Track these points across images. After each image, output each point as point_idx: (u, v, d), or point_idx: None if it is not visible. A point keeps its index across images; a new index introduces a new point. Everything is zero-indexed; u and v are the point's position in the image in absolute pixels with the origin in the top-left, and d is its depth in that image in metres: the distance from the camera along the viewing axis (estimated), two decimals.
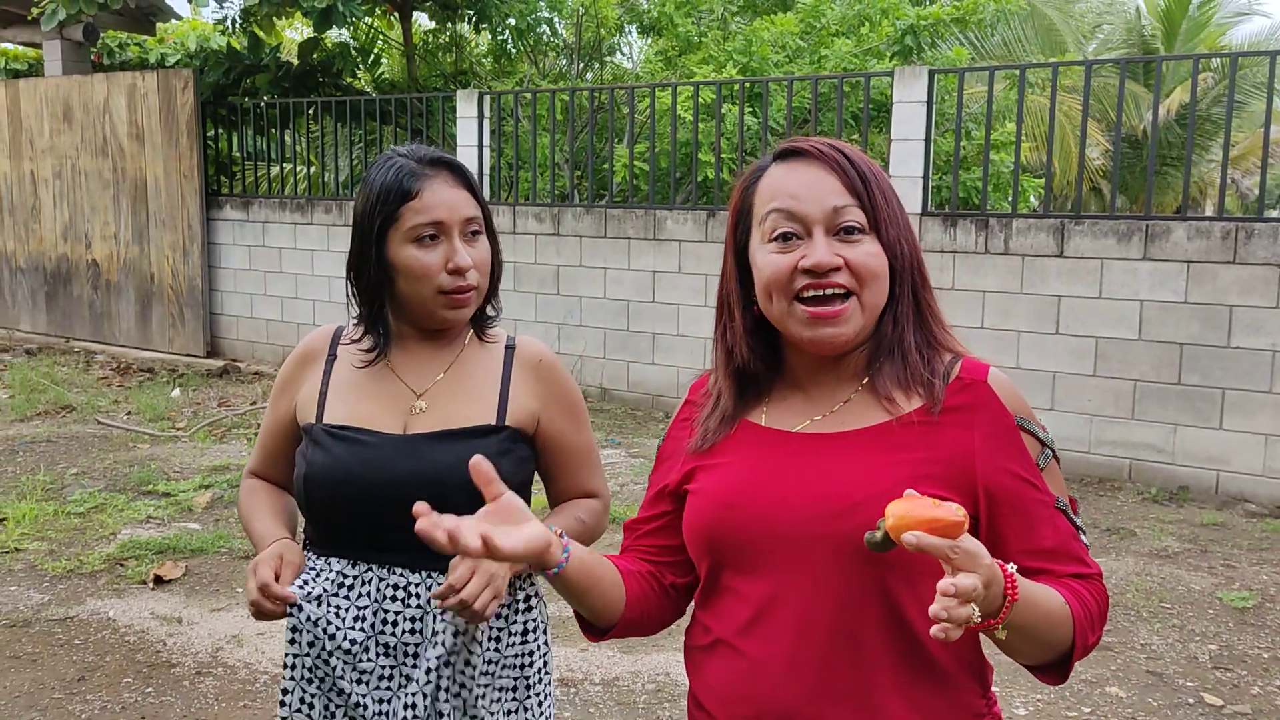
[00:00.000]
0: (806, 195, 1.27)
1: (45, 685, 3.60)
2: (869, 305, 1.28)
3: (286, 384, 1.80)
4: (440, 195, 1.63)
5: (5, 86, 11.04)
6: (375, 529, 1.65)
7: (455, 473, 1.59)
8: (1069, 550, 1.28)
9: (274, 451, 1.82)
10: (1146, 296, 6.07)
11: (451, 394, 1.70)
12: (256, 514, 1.78)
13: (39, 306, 11.11)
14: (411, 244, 1.63)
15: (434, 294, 1.64)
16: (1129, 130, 14.84)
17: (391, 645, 1.66)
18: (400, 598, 1.66)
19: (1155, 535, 5.27)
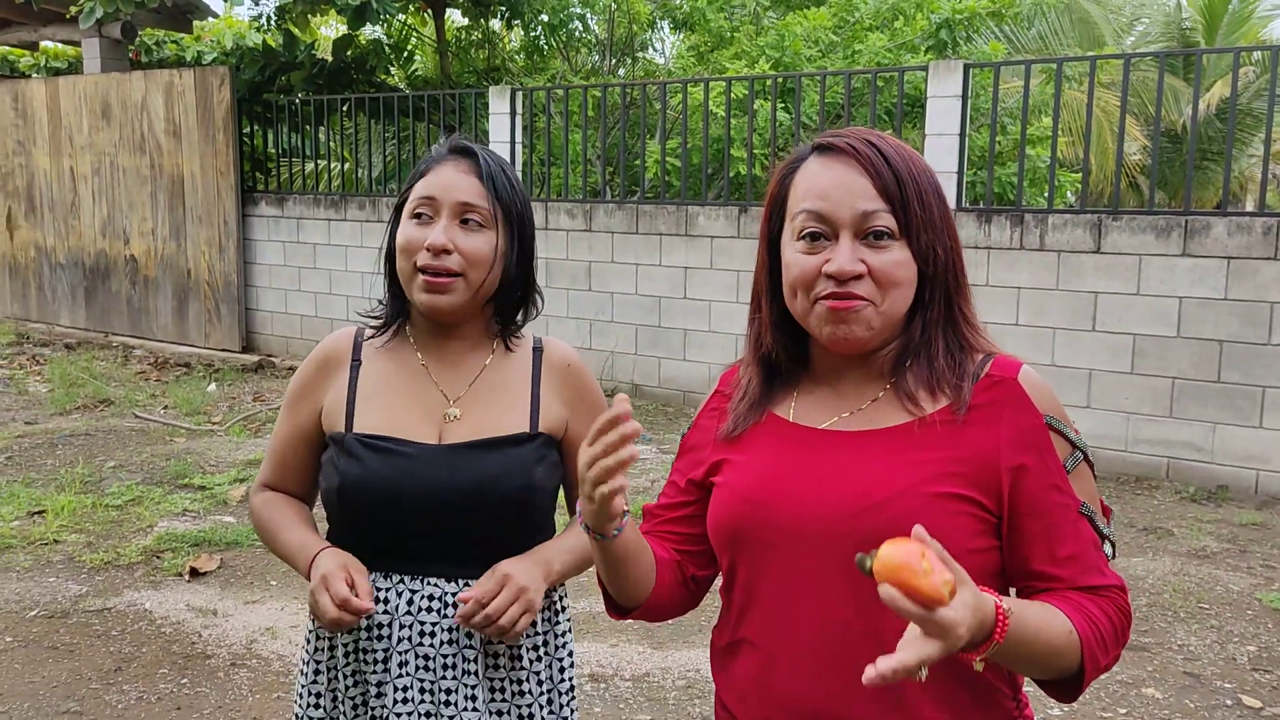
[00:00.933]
0: (836, 197, 1.25)
1: (82, 676, 3.65)
2: (888, 312, 1.26)
3: (306, 390, 1.72)
4: (443, 177, 1.61)
5: (45, 84, 11.20)
6: (412, 540, 1.62)
7: (498, 484, 1.60)
8: (1087, 559, 1.25)
9: (290, 462, 1.75)
10: (1185, 293, 5.98)
11: (484, 401, 1.67)
12: (285, 524, 1.71)
13: (78, 302, 11.27)
14: (410, 220, 1.62)
15: (412, 270, 1.60)
16: (1168, 125, 14.63)
17: (430, 656, 1.62)
18: (436, 609, 1.63)
19: (1193, 535, 5.20)
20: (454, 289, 1.59)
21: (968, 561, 1.22)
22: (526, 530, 1.67)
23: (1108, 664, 1.23)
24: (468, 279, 1.60)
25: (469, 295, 1.61)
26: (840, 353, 1.31)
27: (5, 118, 11.58)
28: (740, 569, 1.33)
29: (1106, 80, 12.00)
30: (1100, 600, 1.25)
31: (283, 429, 1.75)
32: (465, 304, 1.62)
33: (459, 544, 1.62)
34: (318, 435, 1.70)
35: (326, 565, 1.59)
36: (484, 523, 1.62)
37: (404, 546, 1.62)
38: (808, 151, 1.32)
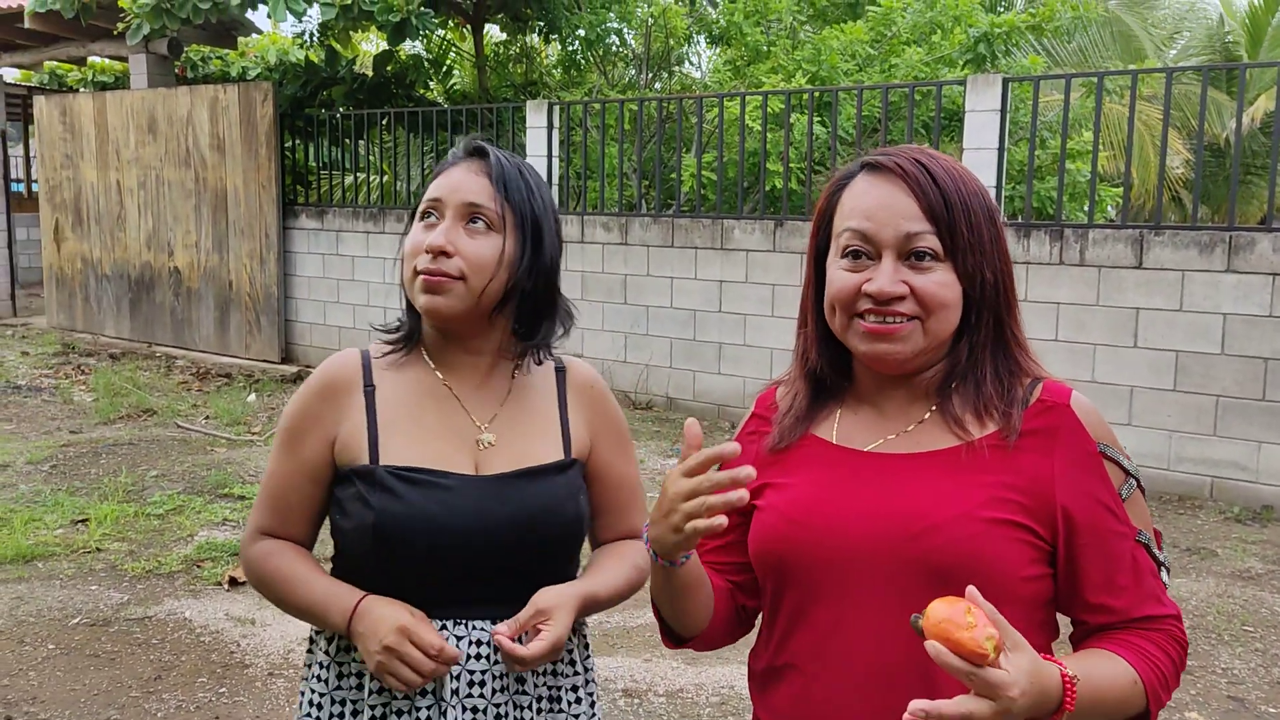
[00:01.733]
0: (882, 217, 1.24)
1: (123, 684, 3.69)
2: (932, 332, 1.24)
3: (309, 422, 1.54)
4: (452, 177, 1.51)
5: (93, 99, 11.41)
6: (456, 581, 1.50)
7: (548, 515, 1.52)
8: (1146, 588, 1.24)
9: (294, 504, 1.56)
10: (1230, 310, 5.89)
11: (517, 426, 1.56)
12: (303, 574, 1.53)
13: (123, 312, 11.45)
14: (418, 222, 1.52)
15: (412, 274, 1.50)
16: (1211, 139, 14.45)
17: (480, 709, 1.49)
18: (485, 654, 1.50)
19: (1238, 556, 5.11)
20: (452, 290, 1.47)
21: (1022, 589, 1.21)
22: (571, 562, 1.60)
23: (1167, 700, 1.23)
24: (469, 284, 1.47)
25: (471, 301, 1.48)
26: (880, 371, 1.30)
27: (54, 132, 11.82)
28: (786, 593, 1.32)
29: (1148, 94, 11.88)
30: (1157, 636, 1.24)
31: (281, 468, 1.56)
32: (468, 310, 1.49)
33: (506, 582, 1.51)
34: (326, 472, 1.54)
35: (392, 615, 1.44)
36: (534, 557, 1.53)
37: (447, 589, 1.50)
38: (856, 168, 1.30)
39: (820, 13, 10.66)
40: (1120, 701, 1.17)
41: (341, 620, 1.48)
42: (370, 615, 1.45)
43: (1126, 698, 1.18)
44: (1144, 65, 13.05)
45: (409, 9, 9.10)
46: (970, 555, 1.19)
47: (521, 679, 1.53)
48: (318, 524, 1.60)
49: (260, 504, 1.59)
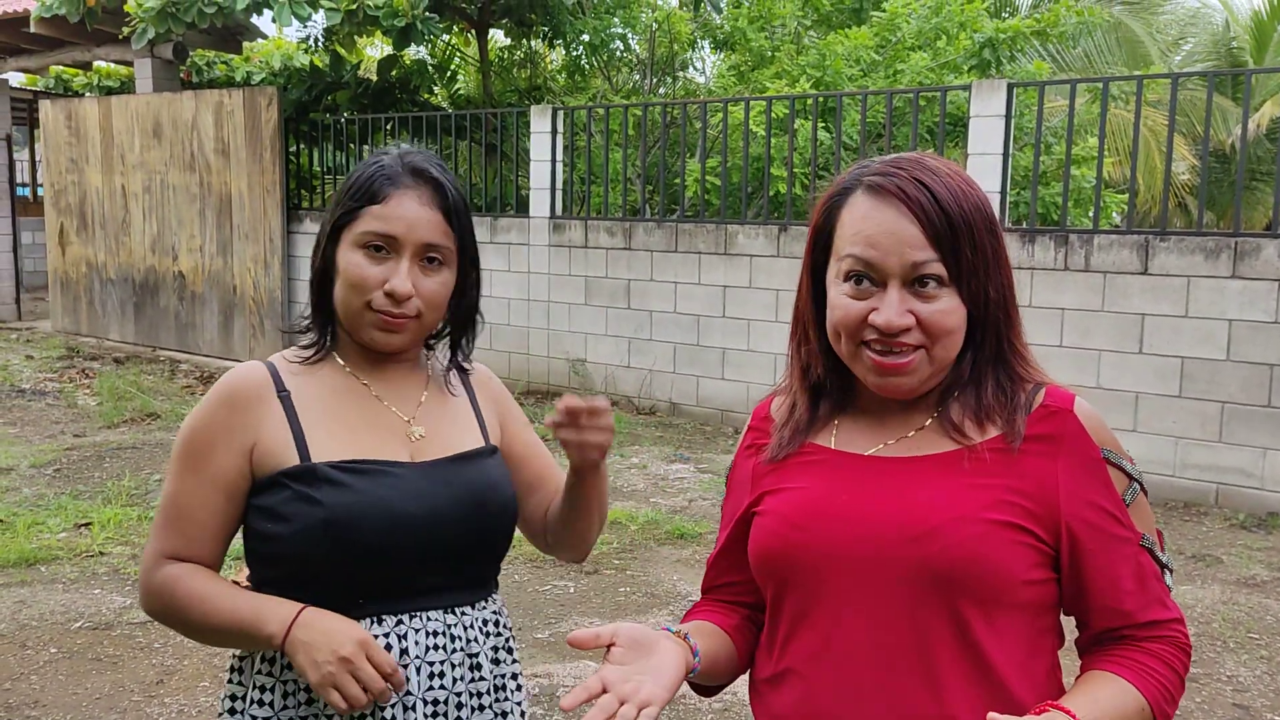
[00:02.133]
0: (886, 245, 1.21)
1: (125, 688, 3.69)
2: (938, 359, 1.24)
3: (217, 435, 1.49)
4: (406, 209, 1.47)
5: (98, 103, 11.44)
6: (409, 572, 1.48)
7: (492, 493, 1.55)
8: (1151, 593, 1.25)
9: (205, 523, 1.49)
10: (1235, 316, 5.88)
11: (439, 419, 1.58)
12: (221, 592, 1.47)
13: (127, 316, 11.47)
14: (359, 249, 1.47)
15: (363, 308, 1.47)
16: (1216, 145, 14.43)
17: (443, 699, 1.50)
18: (443, 645, 1.51)
19: (1243, 563, 5.09)
20: (408, 329, 1.50)
21: (1024, 593, 1.21)
22: (508, 544, 1.62)
23: (1173, 712, 1.24)
24: (423, 320, 1.51)
25: (421, 334, 1.54)
26: (889, 397, 1.30)
27: (59, 136, 11.85)
28: (787, 598, 1.31)
29: (1153, 99, 11.86)
30: (1160, 647, 1.24)
31: (186, 486, 1.49)
32: (415, 342, 1.55)
33: (456, 567, 1.53)
34: (242, 484, 1.49)
35: (348, 627, 1.40)
36: (481, 538, 1.55)
37: (401, 580, 1.48)
38: (854, 184, 1.27)
39: (824, 18, 10.66)
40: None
41: (279, 629, 1.41)
42: (317, 626, 1.41)
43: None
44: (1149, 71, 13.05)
45: (414, 14, 9.12)
46: (971, 558, 1.18)
47: (478, 666, 1.54)
48: (228, 542, 1.53)
49: (162, 526, 1.51)
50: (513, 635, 1.63)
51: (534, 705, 3.59)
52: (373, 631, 1.46)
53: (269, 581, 1.50)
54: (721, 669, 1.38)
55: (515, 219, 9.06)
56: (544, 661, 3.92)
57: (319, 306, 1.56)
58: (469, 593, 1.55)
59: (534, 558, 4.96)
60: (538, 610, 4.41)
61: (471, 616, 1.55)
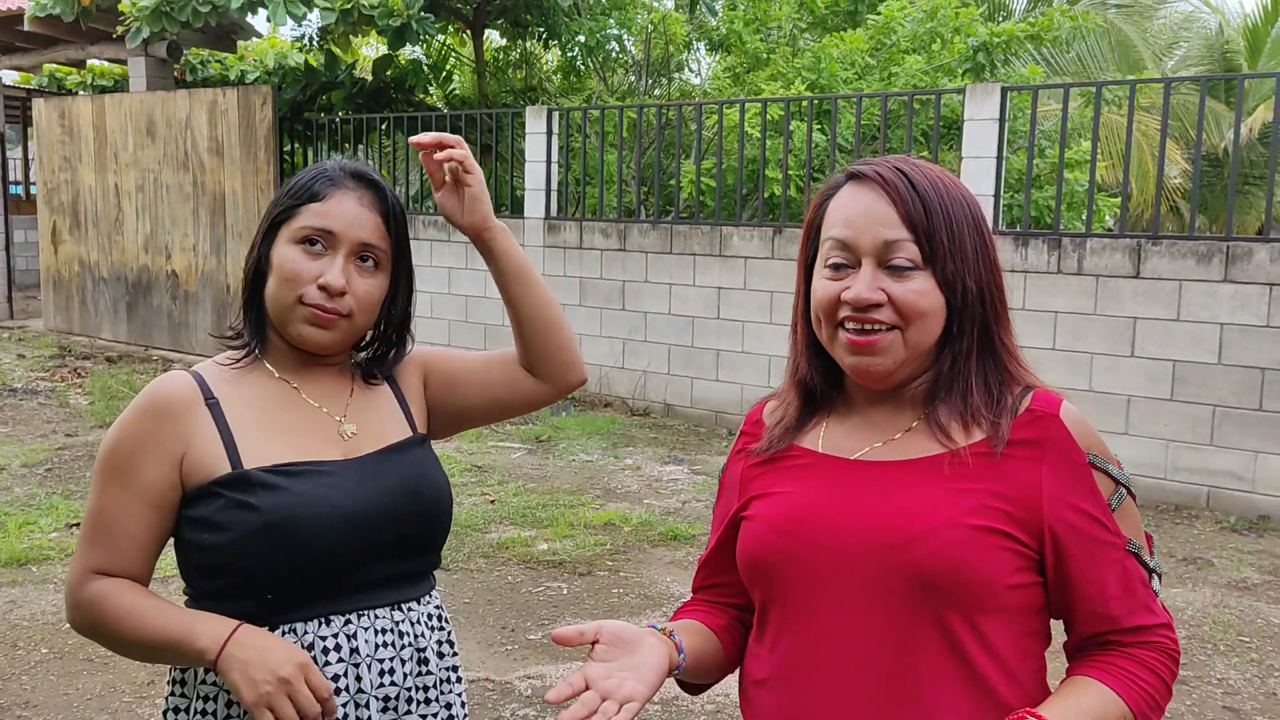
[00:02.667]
0: (861, 225, 1.24)
1: (116, 688, 3.68)
2: (912, 342, 1.24)
3: (144, 447, 1.46)
4: (345, 207, 1.49)
5: (92, 101, 11.42)
6: (354, 568, 1.48)
7: (427, 479, 1.56)
8: (1137, 598, 1.24)
9: (132, 537, 1.46)
10: (1227, 319, 5.90)
11: (368, 415, 1.58)
12: (153, 608, 1.44)
13: (120, 315, 11.44)
14: (295, 244, 1.48)
15: (294, 302, 1.47)
16: (1209, 149, 14.48)
17: (394, 695, 1.50)
18: (392, 642, 1.51)
19: (1234, 566, 5.11)
20: (339, 327, 1.49)
21: (1008, 598, 1.21)
22: (446, 532, 1.62)
23: (1159, 717, 1.24)
24: (354, 321, 1.50)
25: (351, 336, 1.53)
26: (866, 385, 1.30)
27: (52, 134, 11.82)
28: (773, 602, 1.32)
29: (1146, 104, 11.90)
30: (1146, 654, 1.24)
31: (112, 500, 1.46)
32: (344, 343, 1.53)
33: (396, 560, 1.52)
34: (171, 495, 1.47)
35: (288, 648, 1.39)
36: (419, 528, 1.55)
37: (343, 578, 1.48)
38: (842, 179, 1.31)
39: (820, 21, 10.68)
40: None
41: (212, 645, 1.39)
42: (254, 643, 1.39)
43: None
44: (1142, 75, 13.08)
45: (409, 14, 9.12)
46: (955, 563, 1.19)
47: (425, 660, 1.54)
48: (156, 555, 1.51)
49: (89, 541, 1.47)
50: (452, 629, 1.65)
51: (527, 707, 3.59)
52: (321, 633, 1.46)
53: (208, 594, 1.48)
54: (708, 667, 1.39)
55: (510, 220, 9.06)
56: (537, 662, 3.92)
57: (250, 307, 1.55)
58: (414, 587, 1.56)
59: (527, 558, 4.96)
60: (530, 611, 4.41)
61: (418, 612, 1.56)
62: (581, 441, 7.32)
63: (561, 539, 5.27)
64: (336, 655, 1.47)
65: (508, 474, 6.51)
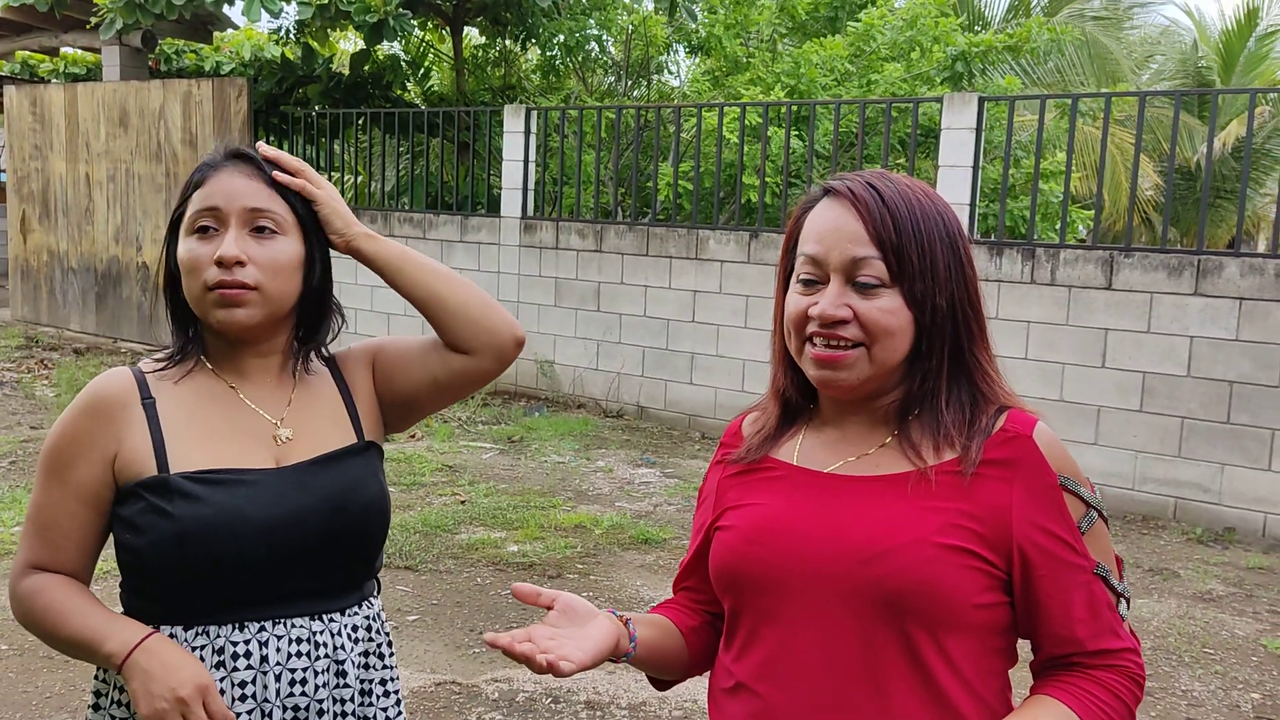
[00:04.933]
0: (830, 241, 1.25)
1: (76, 686, 3.63)
2: (878, 359, 1.24)
3: (80, 445, 1.46)
4: (224, 183, 1.47)
5: (64, 90, 11.27)
6: (269, 580, 1.47)
7: (355, 495, 1.52)
8: (1103, 622, 1.24)
9: (69, 533, 1.47)
10: (1197, 332, 5.95)
11: (308, 419, 1.55)
12: (78, 607, 1.45)
13: (89, 307, 11.30)
14: (191, 236, 1.46)
15: (202, 289, 1.44)
16: (1182, 162, 14.63)
17: (304, 706, 1.48)
18: (306, 652, 1.49)
19: (1199, 577, 5.15)
20: (250, 301, 1.45)
21: (975, 616, 1.21)
22: (378, 545, 1.59)
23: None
24: (264, 291, 1.45)
25: (268, 309, 1.47)
26: (833, 396, 1.30)
27: (23, 122, 11.66)
28: (743, 613, 1.32)
29: (1121, 116, 12.00)
30: (1111, 677, 1.23)
31: (51, 497, 1.47)
32: (265, 318, 1.48)
33: (319, 572, 1.50)
34: (105, 494, 1.47)
35: (193, 668, 1.38)
36: (344, 542, 1.52)
37: (262, 588, 1.47)
38: (820, 193, 1.31)
39: (800, 26, 10.71)
40: None
41: (119, 650, 1.39)
42: (161, 656, 1.39)
43: None
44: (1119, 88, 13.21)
45: (387, 9, 9.06)
46: (923, 581, 1.19)
47: (343, 673, 1.52)
48: (95, 553, 1.51)
49: (29, 536, 1.48)
50: (388, 640, 1.61)
51: (494, 710, 3.56)
52: (233, 638, 1.45)
53: (134, 590, 1.50)
54: (668, 663, 1.41)
55: (486, 218, 9.02)
56: (505, 665, 3.89)
57: (175, 313, 1.53)
58: (338, 599, 1.53)
59: (496, 560, 4.93)
60: (499, 614, 4.38)
61: (340, 623, 1.53)
62: (554, 442, 7.29)
63: (532, 541, 5.24)
64: (246, 662, 1.46)
65: (479, 474, 6.47)
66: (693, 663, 1.43)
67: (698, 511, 1.46)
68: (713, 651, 1.43)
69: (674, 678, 1.45)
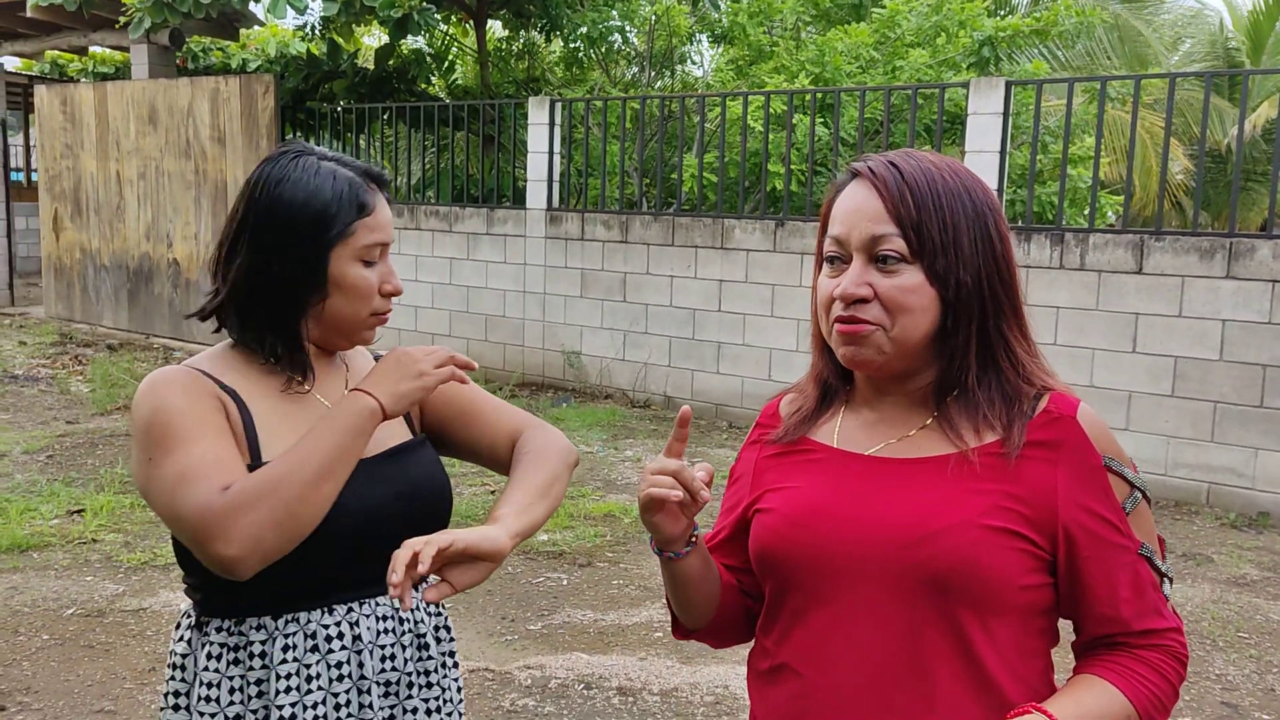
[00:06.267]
0: (851, 220, 1.25)
1: (117, 675, 3.69)
2: (899, 337, 1.24)
3: (208, 407, 1.44)
4: (387, 214, 1.55)
5: (94, 89, 11.40)
6: (355, 564, 1.50)
7: (428, 483, 1.58)
8: (1147, 602, 1.24)
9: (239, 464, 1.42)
10: (1229, 316, 5.89)
11: None
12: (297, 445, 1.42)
13: (121, 303, 11.44)
14: (359, 262, 1.50)
15: (368, 315, 1.53)
16: (1212, 145, 14.45)
17: (393, 681, 1.54)
18: (391, 629, 1.55)
19: (1233, 562, 5.12)
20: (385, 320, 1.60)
21: (1019, 598, 1.22)
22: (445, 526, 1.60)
23: (1164, 718, 1.24)
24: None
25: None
26: (861, 373, 1.31)
27: (54, 121, 11.80)
28: (786, 595, 1.32)
29: (1150, 100, 11.88)
30: (1155, 656, 1.24)
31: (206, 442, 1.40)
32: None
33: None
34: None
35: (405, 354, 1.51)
36: (420, 526, 1.50)
37: (347, 572, 1.50)
38: (849, 176, 1.32)
39: (824, 14, 10.66)
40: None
41: (372, 406, 1.45)
42: (381, 372, 1.49)
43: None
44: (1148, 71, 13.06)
45: (411, 4, 9.09)
46: (968, 562, 1.19)
47: (425, 645, 1.58)
48: None
49: (201, 475, 1.36)
50: (448, 616, 1.67)
51: (527, 697, 3.59)
52: (324, 621, 1.49)
53: (216, 586, 1.47)
54: (704, 596, 1.39)
55: (512, 211, 9.05)
56: (536, 653, 3.93)
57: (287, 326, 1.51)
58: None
59: (526, 548, 4.97)
60: (530, 602, 4.42)
61: (416, 599, 1.58)
62: (582, 433, 7.32)
63: (561, 530, 5.28)
64: (340, 643, 1.50)
65: None
66: (718, 615, 1.41)
67: (730, 489, 1.46)
68: (734, 619, 1.43)
69: (698, 616, 1.41)
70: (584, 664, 3.84)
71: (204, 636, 1.51)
